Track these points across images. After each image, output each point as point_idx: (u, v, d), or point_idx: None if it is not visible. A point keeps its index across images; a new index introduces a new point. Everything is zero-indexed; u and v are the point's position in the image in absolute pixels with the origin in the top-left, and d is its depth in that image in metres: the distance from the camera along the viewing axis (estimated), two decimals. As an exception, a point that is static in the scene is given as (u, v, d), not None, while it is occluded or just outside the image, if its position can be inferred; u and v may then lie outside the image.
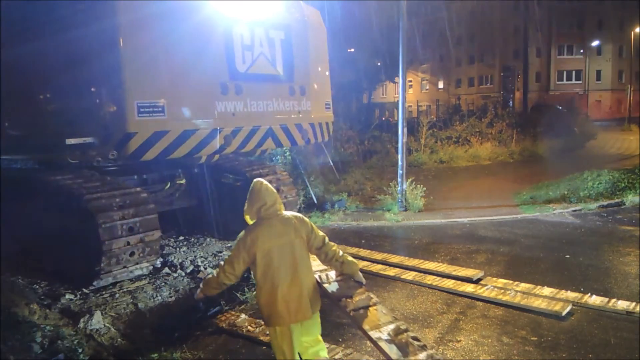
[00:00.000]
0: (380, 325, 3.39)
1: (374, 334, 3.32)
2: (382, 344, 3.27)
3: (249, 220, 3.56)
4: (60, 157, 5.93)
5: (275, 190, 3.56)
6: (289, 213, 3.54)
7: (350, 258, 3.66)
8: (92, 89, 5.52)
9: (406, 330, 3.41)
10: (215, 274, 3.54)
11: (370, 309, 3.52)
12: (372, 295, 3.69)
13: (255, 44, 6.34)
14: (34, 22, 6.00)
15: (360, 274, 3.77)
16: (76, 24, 5.40)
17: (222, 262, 3.58)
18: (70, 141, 5.43)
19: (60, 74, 5.74)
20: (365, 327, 3.37)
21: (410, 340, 3.33)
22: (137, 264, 5.74)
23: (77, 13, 5.44)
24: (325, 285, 3.60)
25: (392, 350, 3.22)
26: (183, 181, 7.34)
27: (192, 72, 5.74)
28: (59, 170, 6.11)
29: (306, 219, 3.58)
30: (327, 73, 8.05)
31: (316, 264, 3.74)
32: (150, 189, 6.92)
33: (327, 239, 3.60)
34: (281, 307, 3.30)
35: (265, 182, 3.54)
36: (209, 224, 7.81)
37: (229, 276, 3.45)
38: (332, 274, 3.72)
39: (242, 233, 3.47)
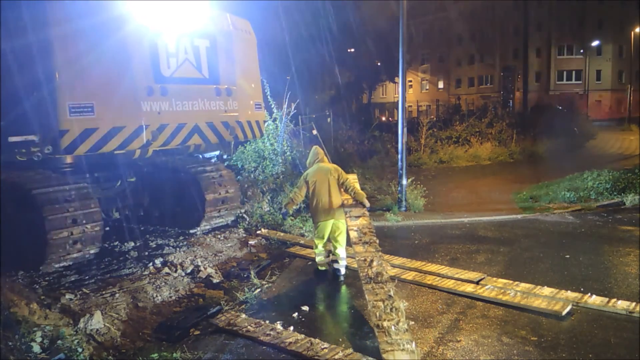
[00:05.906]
0: (358, 225, 5.90)
1: (350, 227, 5.91)
2: (351, 232, 5.82)
3: (308, 165, 6.50)
4: (8, 155, 6.37)
5: (322, 150, 6.55)
6: (330, 164, 6.47)
7: (360, 191, 6.29)
8: (32, 92, 6.05)
9: (371, 230, 5.83)
10: (291, 196, 6.49)
11: (360, 218, 6.06)
12: (365, 212, 6.17)
13: (179, 52, 7.10)
14: None
15: (366, 200, 6.28)
16: (18, 34, 5.95)
17: (295, 188, 6.57)
18: (13, 139, 6.03)
19: (4, 77, 6.23)
20: (349, 223, 6.03)
21: (369, 232, 5.77)
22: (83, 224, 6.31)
23: (19, 26, 5.94)
24: (345, 205, 6.21)
25: (354, 234, 5.76)
26: (133, 179, 7.91)
27: (120, 77, 6.42)
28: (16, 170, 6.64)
29: (339, 168, 6.41)
30: (257, 76, 8.71)
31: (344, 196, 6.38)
32: (103, 186, 7.58)
33: (349, 180, 6.28)
34: (320, 212, 6.24)
35: (319, 147, 6.66)
36: (162, 216, 8.65)
37: (298, 196, 6.42)
38: (350, 200, 6.31)
39: (304, 172, 6.49)
